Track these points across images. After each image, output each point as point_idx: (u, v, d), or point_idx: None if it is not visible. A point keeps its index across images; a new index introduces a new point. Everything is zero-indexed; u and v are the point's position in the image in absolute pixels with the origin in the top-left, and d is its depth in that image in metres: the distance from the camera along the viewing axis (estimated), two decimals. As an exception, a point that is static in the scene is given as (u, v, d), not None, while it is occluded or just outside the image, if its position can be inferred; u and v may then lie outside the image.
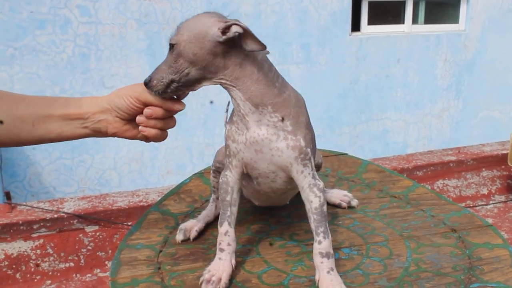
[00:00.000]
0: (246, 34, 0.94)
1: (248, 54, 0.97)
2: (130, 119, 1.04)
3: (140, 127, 1.04)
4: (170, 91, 0.99)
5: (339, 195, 1.35)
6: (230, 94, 1.00)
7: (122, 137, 1.06)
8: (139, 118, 1.03)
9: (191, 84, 0.99)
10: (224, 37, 0.94)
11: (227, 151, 1.05)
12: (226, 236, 1.04)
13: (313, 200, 1.02)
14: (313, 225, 1.02)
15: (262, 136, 0.99)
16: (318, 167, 1.26)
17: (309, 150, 1.02)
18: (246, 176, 1.08)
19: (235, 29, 0.93)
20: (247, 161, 1.03)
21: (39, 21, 3.40)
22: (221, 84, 0.99)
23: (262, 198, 1.22)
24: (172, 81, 0.98)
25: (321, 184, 1.03)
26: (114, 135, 1.05)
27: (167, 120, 1.05)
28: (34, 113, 0.99)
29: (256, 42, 0.95)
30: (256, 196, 1.22)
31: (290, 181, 1.06)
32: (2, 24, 3.32)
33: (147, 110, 1.02)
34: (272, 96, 0.99)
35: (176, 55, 0.97)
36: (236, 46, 0.96)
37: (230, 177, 1.06)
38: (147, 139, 1.07)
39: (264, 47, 0.96)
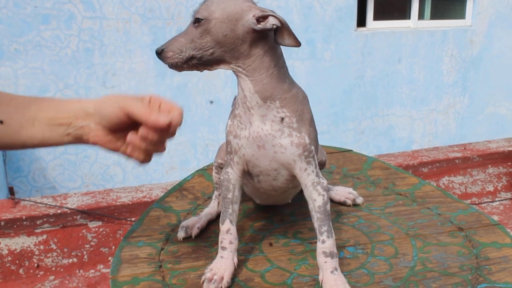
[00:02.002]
0: (283, 28, 0.92)
1: (271, 47, 0.95)
2: (113, 129, 0.94)
3: (129, 149, 0.94)
4: (187, 67, 0.95)
5: (344, 193, 1.34)
6: (240, 84, 0.97)
7: (103, 148, 0.96)
8: (131, 137, 0.92)
9: (210, 64, 0.96)
10: (260, 26, 0.92)
11: (228, 148, 1.03)
12: (228, 234, 1.02)
13: (316, 199, 1.00)
14: (316, 224, 1.00)
15: (265, 132, 0.97)
16: (322, 165, 1.24)
17: (313, 147, 1.00)
18: (246, 174, 1.06)
19: (273, 22, 0.91)
20: (249, 158, 1.01)
21: (43, 16, 3.39)
22: (236, 71, 0.96)
23: (262, 196, 1.20)
24: (192, 57, 0.94)
25: (324, 182, 1.01)
26: (95, 143, 0.95)
27: (159, 144, 0.94)
28: (20, 117, 0.92)
29: (292, 37, 0.94)
30: (257, 194, 1.20)
31: (292, 179, 1.04)
32: (7, 19, 3.31)
33: (143, 131, 0.90)
34: (282, 91, 0.97)
35: (203, 31, 0.92)
36: (264, 37, 0.94)
37: (232, 174, 1.04)
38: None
39: (299, 43, 0.94)
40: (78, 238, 2.83)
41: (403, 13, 4.73)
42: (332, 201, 1.32)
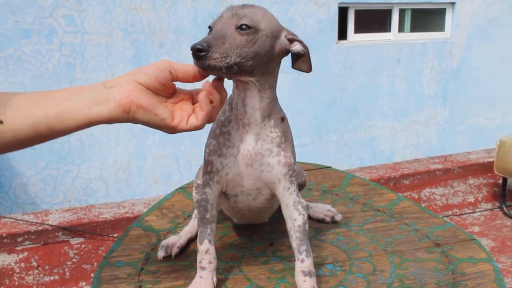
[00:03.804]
0: (306, 55, 0.97)
1: (279, 68, 0.98)
2: (152, 87, 0.85)
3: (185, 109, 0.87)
4: (224, 73, 0.87)
5: (322, 210, 1.35)
6: (243, 100, 0.96)
7: (143, 114, 0.83)
8: (206, 85, 0.87)
9: (241, 74, 0.91)
10: (293, 48, 0.96)
11: (207, 168, 1.03)
12: (207, 254, 1.02)
13: (297, 218, 1.01)
14: (295, 244, 1.01)
15: (256, 150, 0.98)
16: (302, 186, 1.26)
17: (296, 167, 1.02)
18: (222, 194, 1.06)
19: (301, 48, 0.96)
20: (232, 177, 1.01)
21: (24, 30, 3.38)
22: (253, 85, 0.94)
23: (238, 215, 1.21)
24: (236, 65, 0.87)
25: (304, 202, 1.03)
26: (127, 102, 0.81)
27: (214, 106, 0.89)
28: (33, 97, 0.80)
29: (309, 64, 0.99)
30: (233, 213, 1.21)
31: (270, 198, 1.06)
32: (-14, 34, 3.29)
33: (206, 84, 0.87)
34: (277, 111, 1.00)
35: (250, 40, 0.88)
36: (282, 58, 0.98)
37: (210, 194, 1.03)
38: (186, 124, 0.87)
39: (311, 69, 0.99)
40: (60, 255, 2.81)
41: (383, 26, 4.79)
42: (311, 218, 1.33)
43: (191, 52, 0.85)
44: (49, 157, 3.56)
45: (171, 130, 0.87)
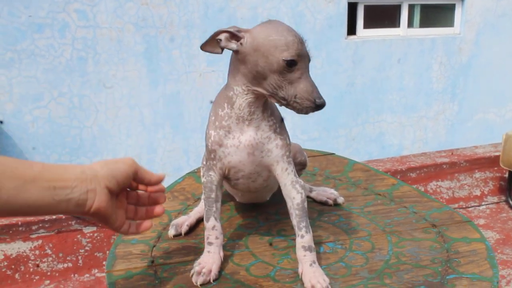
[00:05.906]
0: None
1: None
2: (117, 191, 0.92)
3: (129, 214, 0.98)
4: None
5: (325, 193, 1.41)
6: (253, 104, 1.04)
7: (102, 218, 0.90)
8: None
9: None
10: None
11: (211, 155, 1.09)
12: (214, 230, 1.09)
13: (295, 197, 1.07)
14: (295, 221, 1.07)
15: (257, 140, 1.05)
16: (303, 165, 1.33)
17: (291, 148, 1.09)
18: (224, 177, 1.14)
19: None
20: (234, 164, 1.08)
21: (37, 25, 3.46)
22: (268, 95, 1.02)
23: (238, 194, 1.30)
24: None
25: (301, 181, 1.09)
26: (96, 211, 0.87)
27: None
28: (18, 176, 0.78)
29: None
30: (234, 192, 1.31)
31: (267, 179, 1.13)
32: (1, 28, 3.37)
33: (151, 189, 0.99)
34: (270, 102, 1.07)
35: None
36: None
37: (214, 177, 1.10)
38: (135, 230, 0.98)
39: None
40: (73, 243, 2.89)
41: (393, 21, 4.82)
42: (314, 201, 1.40)
43: (316, 106, 1.02)
44: (61, 150, 3.64)
45: (112, 230, 0.97)
